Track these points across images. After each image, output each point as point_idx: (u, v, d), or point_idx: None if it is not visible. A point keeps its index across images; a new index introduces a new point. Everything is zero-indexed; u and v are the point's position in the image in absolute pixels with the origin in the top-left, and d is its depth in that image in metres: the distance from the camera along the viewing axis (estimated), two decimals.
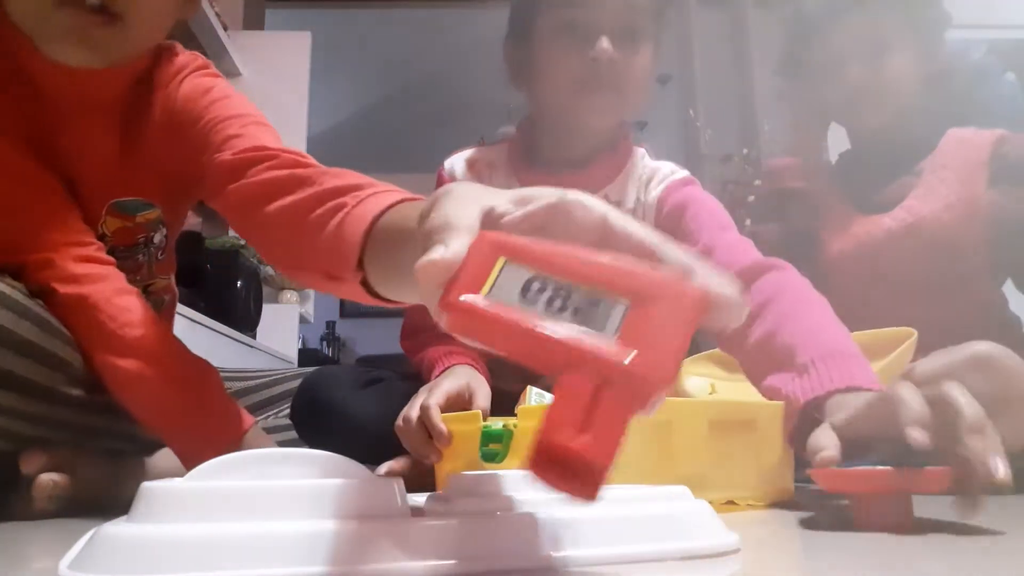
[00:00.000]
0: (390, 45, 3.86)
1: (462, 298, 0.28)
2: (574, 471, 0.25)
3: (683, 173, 1.00)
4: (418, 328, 0.98)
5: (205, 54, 0.90)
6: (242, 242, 2.45)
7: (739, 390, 0.87)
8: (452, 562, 0.33)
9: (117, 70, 0.76)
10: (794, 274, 0.77)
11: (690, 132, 3.10)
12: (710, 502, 0.41)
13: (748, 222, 2.88)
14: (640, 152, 1.02)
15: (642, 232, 0.32)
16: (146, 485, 0.35)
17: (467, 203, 0.33)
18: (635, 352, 0.26)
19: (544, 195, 0.34)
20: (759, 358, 0.70)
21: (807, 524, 0.52)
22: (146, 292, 0.88)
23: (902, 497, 0.48)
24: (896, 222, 1.07)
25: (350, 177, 0.57)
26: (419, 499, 0.43)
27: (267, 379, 1.06)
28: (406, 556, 0.33)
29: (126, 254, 0.84)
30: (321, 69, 2.90)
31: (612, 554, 0.35)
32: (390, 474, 0.72)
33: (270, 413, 1.01)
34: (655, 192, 0.97)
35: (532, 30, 0.94)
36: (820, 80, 1.14)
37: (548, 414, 0.26)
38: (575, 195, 0.33)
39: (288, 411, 0.98)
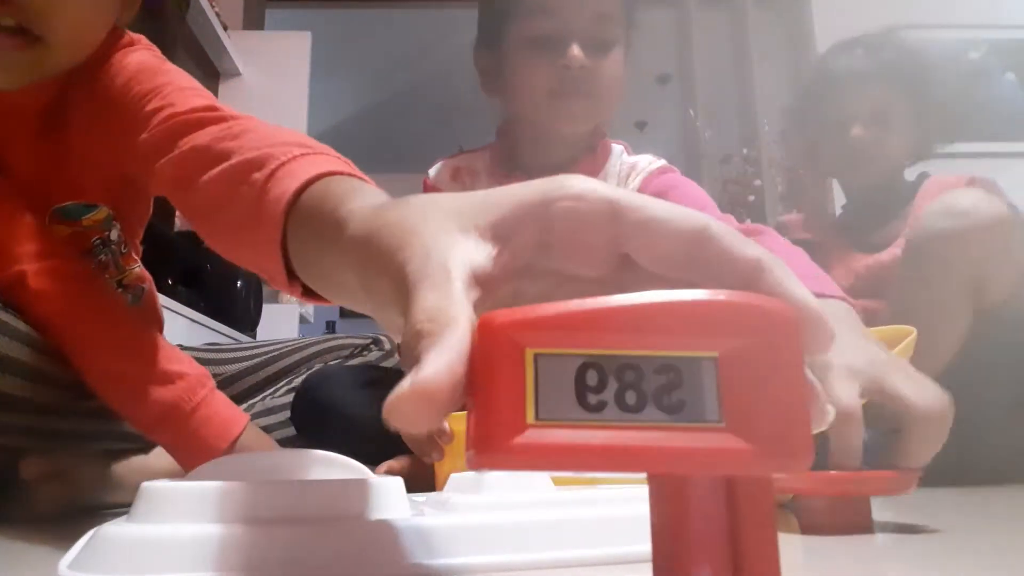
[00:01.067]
0: (390, 45, 3.86)
1: (518, 440, 0.20)
2: None
3: (660, 162, 1.01)
4: None
5: (205, 54, 0.89)
6: None
7: None
8: (452, 562, 0.33)
9: (38, 84, 0.72)
10: (773, 234, 0.82)
11: (690, 132, 3.10)
12: None
13: (748, 222, 2.89)
14: (618, 149, 1.03)
15: (660, 207, 0.24)
16: (146, 485, 0.35)
17: (435, 266, 0.23)
18: (751, 440, 0.19)
19: (524, 214, 0.25)
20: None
21: (807, 525, 0.52)
22: (121, 287, 0.86)
23: (860, 499, 0.48)
24: (889, 256, 1.22)
25: (263, 135, 0.49)
26: (419, 499, 0.43)
27: (259, 358, 1.04)
28: (406, 556, 0.33)
29: (86, 257, 0.81)
30: (321, 69, 2.90)
31: (612, 555, 0.35)
32: (390, 473, 0.72)
33: (265, 394, 1.01)
34: (634, 185, 0.98)
35: (502, 39, 0.94)
36: (825, 135, 1.29)
37: (679, 551, 0.21)
38: (559, 191, 0.25)
39: (279, 390, 0.98)
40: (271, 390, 1.01)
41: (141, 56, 0.73)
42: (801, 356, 0.20)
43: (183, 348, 0.88)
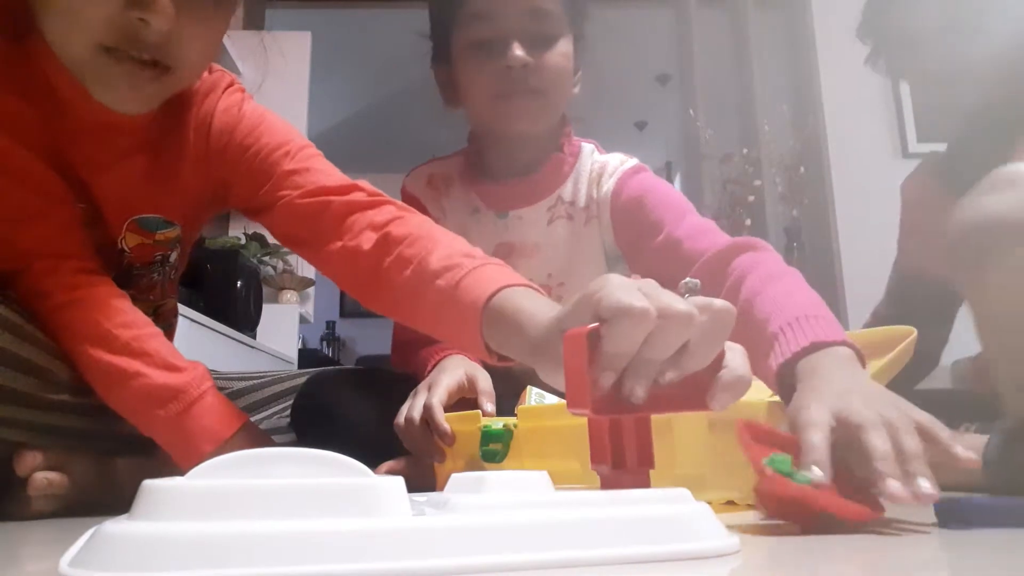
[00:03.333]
0: (390, 45, 3.86)
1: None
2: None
3: (633, 161, 0.99)
4: (405, 342, 0.99)
5: None
6: (242, 242, 2.45)
7: None
8: (452, 562, 0.33)
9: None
10: (768, 252, 0.79)
11: (690, 132, 3.10)
12: (710, 502, 0.41)
13: (748, 222, 2.89)
14: (589, 148, 1.02)
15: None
16: (147, 483, 0.35)
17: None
18: None
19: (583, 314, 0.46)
20: (741, 339, 0.71)
21: (813, 527, 0.52)
22: (155, 315, 0.88)
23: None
24: None
25: (443, 243, 0.70)
26: (419, 499, 0.43)
27: (266, 379, 1.06)
28: (406, 556, 0.33)
29: (142, 271, 0.84)
30: (321, 69, 2.90)
31: (612, 555, 0.35)
32: (390, 474, 0.72)
33: (271, 412, 1.01)
34: (607, 186, 0.97)
35: (450, 51, 0.95)
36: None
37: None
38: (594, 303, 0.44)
39: (287, 410, 0.98)
40: (273, 409, 1.01)
41: (252, 107, 0.84)
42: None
43: None
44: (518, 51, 0.89)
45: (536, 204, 0.98)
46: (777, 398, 0.64)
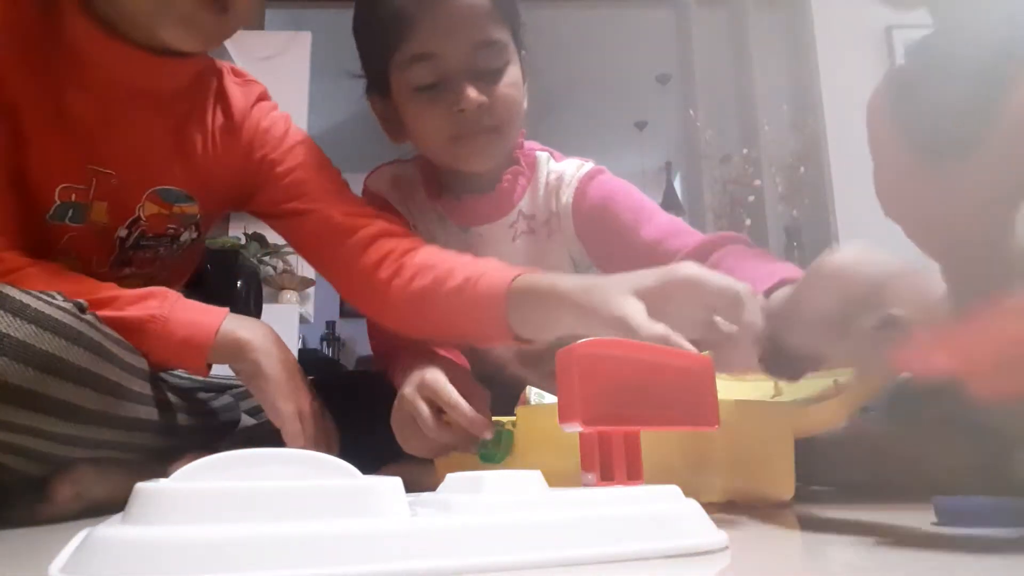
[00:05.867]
0: None
1: None
2: None
3: (588, 166, 0.95)
4: (385, 350, 0.93)
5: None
6: (242, 242, 2.45)
7: (737, 390, 0.87)
8: (449, 562, 0.33)
9: (178, 62, 0.80)
10: (743, 240, 0.81)
11: (690, 132, 3.10)
12: (708, 502, 0.41)
13: (748, 222, 2.89)
14: (544, 157, 0.97)
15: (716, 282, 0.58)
16: (140, 486, 0.35)
17: (632, 308, 0.57)
18: None
19: (654, 288, 0.59)
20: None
21: (805, 524, 0.52)
22: None
23: None
24: None
25: (450, 259, 0.77)
26: (415, 499, 0.43)
27: None
28: (405, 556, 0.32)
29: (149, 243, 0.85)
30: (321, 69, 2.90)
31: (604, 553, 0.36)
32: (389, 474, 0.72)
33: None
34: (566, 197, 0.93)
35: (389, 88, 0.89)
36: None
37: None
38: (670, 276, 0.59)
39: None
40: None
41: (296, 129, 0.92)
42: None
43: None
44: (472, 93, 0.83)
45: (498, 221, 0.95)
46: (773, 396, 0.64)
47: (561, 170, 0.95)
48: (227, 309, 0.78)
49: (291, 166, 0.87)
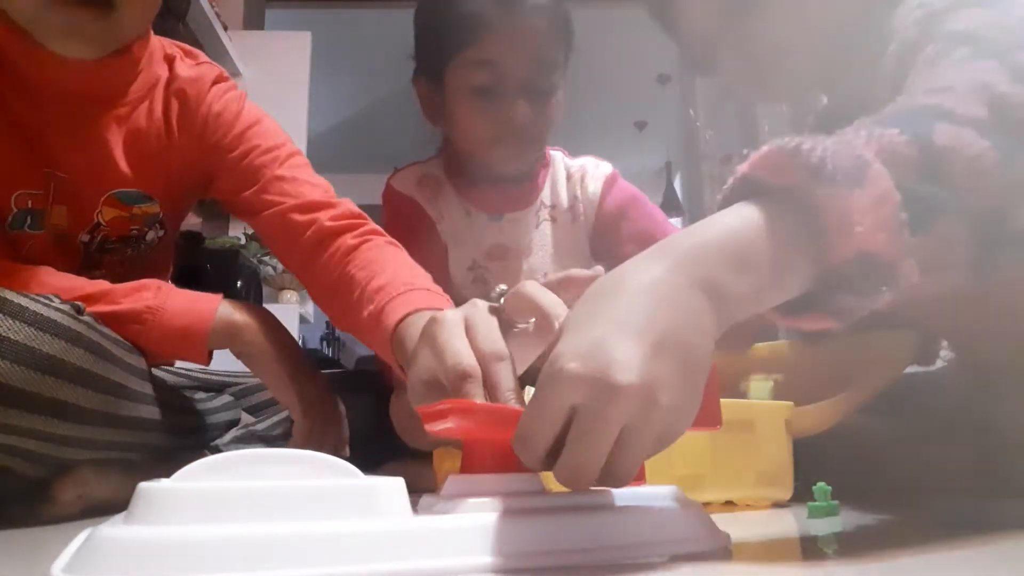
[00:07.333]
0: (390, 45, 3.85)
1: None
2: None
3: (608, 166, 1.04)
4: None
5: (205, 54, 0.90)
6: (242, 242, 2.44)
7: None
8: (450, 562, 0.33)
9: (115, 61, 0.77)
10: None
11: (690, 132, 3.10)
12: (709, 502, 0.41)
13: None
14: (558, 155, 1.06)
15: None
16: (143, 485, 0.35)
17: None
18: None
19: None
20: None
21: (805, 524, 0.52)
22: None
23: None
24: None
25: (389, 271, 0.73)
26: (419, 499, 0.43)
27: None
28: (406, 556, 0.32)
29: (115, 246, 0.84)
30: (321, 69, 2.90)
31: (604, 554, 0.35)
32: (390, 473, 0.72)
33: (278, 420, 1.00)
34: (592, 187, 1.01)
35: (443, 78, 0.95)
36: None
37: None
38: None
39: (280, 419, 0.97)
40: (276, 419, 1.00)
41: (249, 107, 0.87)
42: None
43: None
44: (523, 108, 0.90)
45: (527, 208, 1.02)
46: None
47: (582, 164, 1.04)
48: (221, 295, 0.78)
49: (243, 151, 0.84)
